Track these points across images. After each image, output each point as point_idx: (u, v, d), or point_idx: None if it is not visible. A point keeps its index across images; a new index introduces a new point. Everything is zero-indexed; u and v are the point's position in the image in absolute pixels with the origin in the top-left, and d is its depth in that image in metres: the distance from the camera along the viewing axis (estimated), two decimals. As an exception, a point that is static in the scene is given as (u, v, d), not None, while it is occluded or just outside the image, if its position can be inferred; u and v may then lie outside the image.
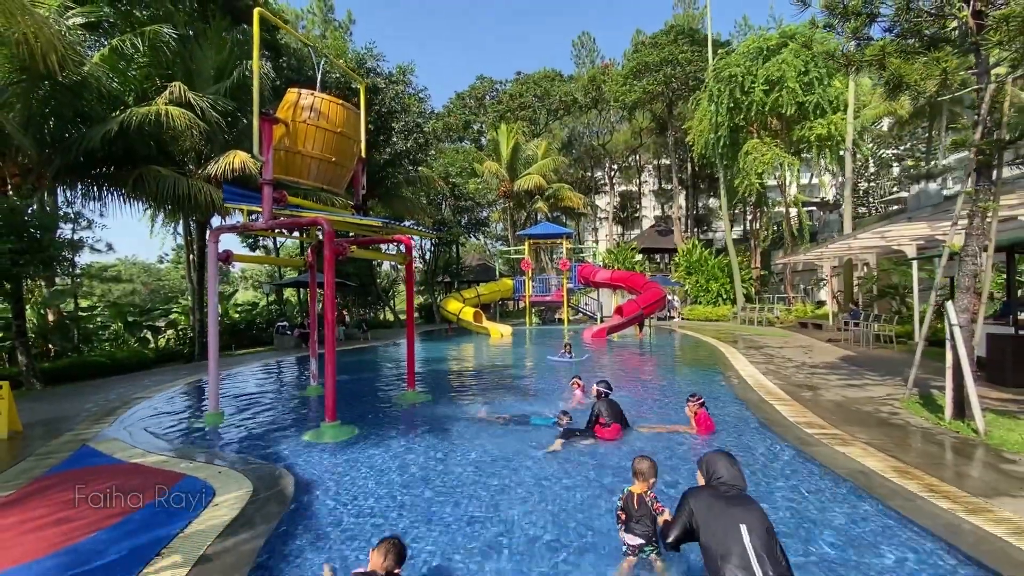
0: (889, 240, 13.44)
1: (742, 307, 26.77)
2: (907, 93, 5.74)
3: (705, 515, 2.83)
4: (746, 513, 2.77)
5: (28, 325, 13.78)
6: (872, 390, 8.97)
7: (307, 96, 7.90)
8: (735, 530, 2.70)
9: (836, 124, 21.72)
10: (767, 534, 2.71)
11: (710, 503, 2.87)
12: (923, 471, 4.98)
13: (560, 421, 6.85)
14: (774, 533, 2.77)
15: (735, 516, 2.76)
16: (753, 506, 2.84)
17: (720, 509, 2.81)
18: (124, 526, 4.06)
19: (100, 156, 12.21)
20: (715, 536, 2.74)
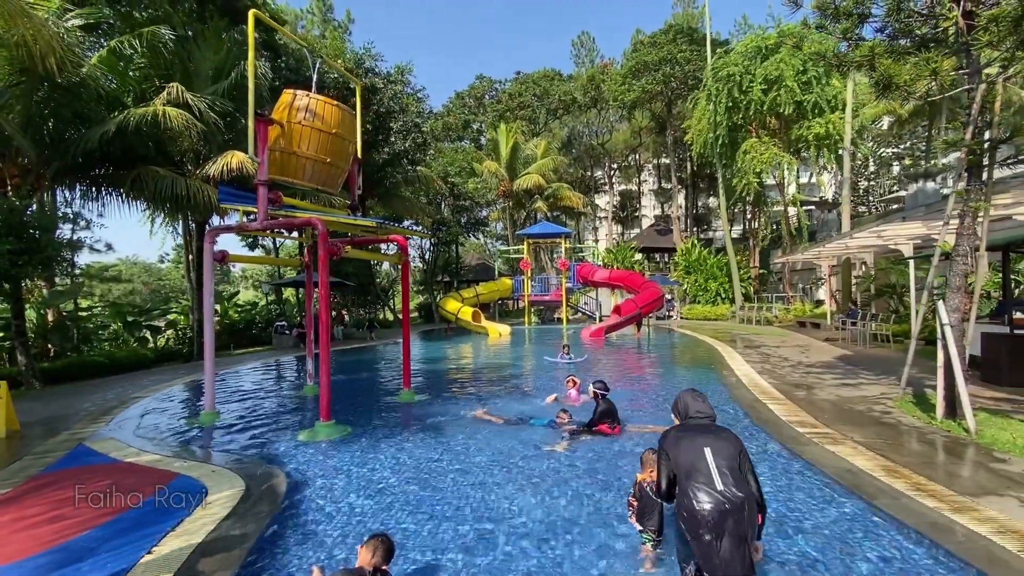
0: (886, 239, 13.44)
1: (741, 306, 26.78)
2: (897, 93, 5.75)
3: (675, 450, 2.96)
4: (713, 439, 2.92)
5: (28, 325, 13.87)
6: (866, 389, 8.99)
7: (302, 97, 7.94)
8: (700, 453, 2.85)
9: (834, 123, 21.73)
10: (735, 455, 2.85)
11: (679, 437, 3.02)
12: (911, 470, 5.00)
13: (559, 420, 6.89)
14: (746, 457, 2.92)
15: (701, 442, 2.91)
16: (722, 433, 2.99)
17: (688, 439, 2.97)
18: (117, 524, 4.11)
19: (98, 157, 12.27)
20: (683, 463, 2.88)
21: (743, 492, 2.71)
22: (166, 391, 10.44)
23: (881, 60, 5.83)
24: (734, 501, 2.66)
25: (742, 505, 2.66)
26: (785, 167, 23.67)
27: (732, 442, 2.93)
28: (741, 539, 2.64)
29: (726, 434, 2.99)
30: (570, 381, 8.99)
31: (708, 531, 2.66)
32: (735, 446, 2.91)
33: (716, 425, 3.11)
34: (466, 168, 35.42)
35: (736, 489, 2.70)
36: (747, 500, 2.69)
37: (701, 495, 2.71)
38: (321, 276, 7.09)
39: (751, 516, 2.70)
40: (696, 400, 3.22)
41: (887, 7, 6.10)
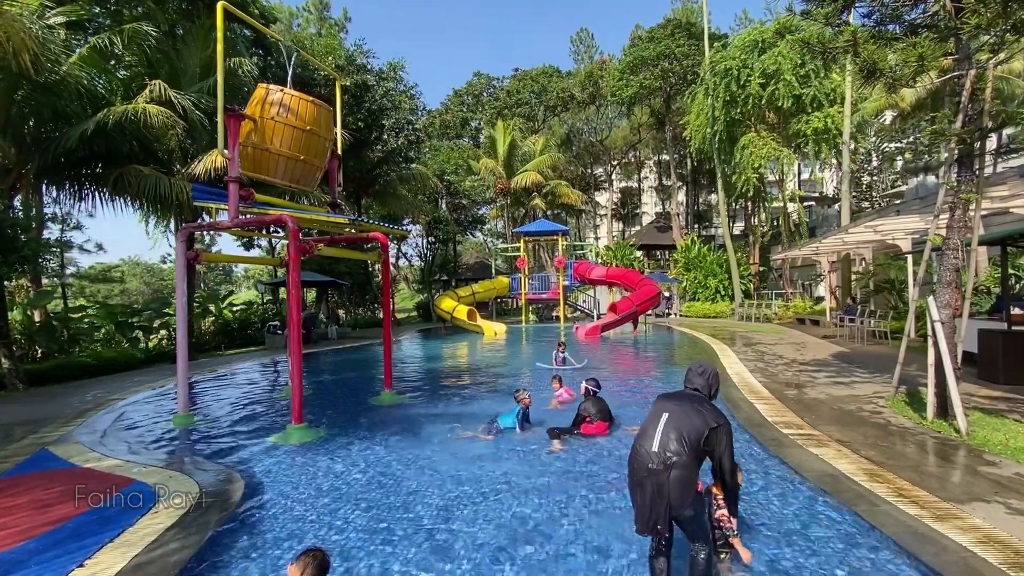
0: (883, 234, 13.16)
1: (740, 303, 26.49)
2: (882, 80, 5.51)
3: (650, 409, 3.19)
4: (679, 407, 3.06)
5: (15, 326, 13.77)
6: (859, 388, 8.75)
7: (275, 92, 7.75)
8: (658, 415, 3.06)
9: (833, 117, 21.41)
10: (694, 428, 2.94)
11: (660, 399, 3.23)
12: (895, 474, 4.77)
13: (519, 399, 6.74)
14: (718, 439, 2.98)
15: (667, 407, 3.09)
16: (696, 407, 3.06)
17: (663, 402, 3.17)
18: (56, 534, 3.93)
19: (81, 156, 12.13)
20: (645, 421, 3.14)
21: (675, 457, 2.85)
22: (146, 393, 10.30)
23: (865, 46, 5.58)
24: (660, 461, 2.86)
25: (668, 467, 2.84)
26: (784, 162, 23.32)
27: (700, 417, 3.00)
28: (658, 497, 2.83)
29: (700, 409, 3.05)
30: (555, 381, 8.77)
31: (633, 482, 2.98)
32: (702, 422, 2.98)
33: (699, 399, 3.18)
34: (463, 166, 35.19)
35: (669, 453, 2.87)
36: (676, 466, 2.84)
37: (638, 449, 3.00)
38: (291, 275, 6.90)
39: (677, 482, 2.83)
40: (694, 374, 3.32)
41: (873, -10, 5.85)
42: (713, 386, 3.26)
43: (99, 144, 11.92)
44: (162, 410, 8.68)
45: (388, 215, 28.11)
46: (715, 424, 2.99)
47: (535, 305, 30.31)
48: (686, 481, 2.86)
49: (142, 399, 9.66)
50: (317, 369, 14.57)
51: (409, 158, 23.88)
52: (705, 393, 3.22)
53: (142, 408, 8.90)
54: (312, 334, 20.62)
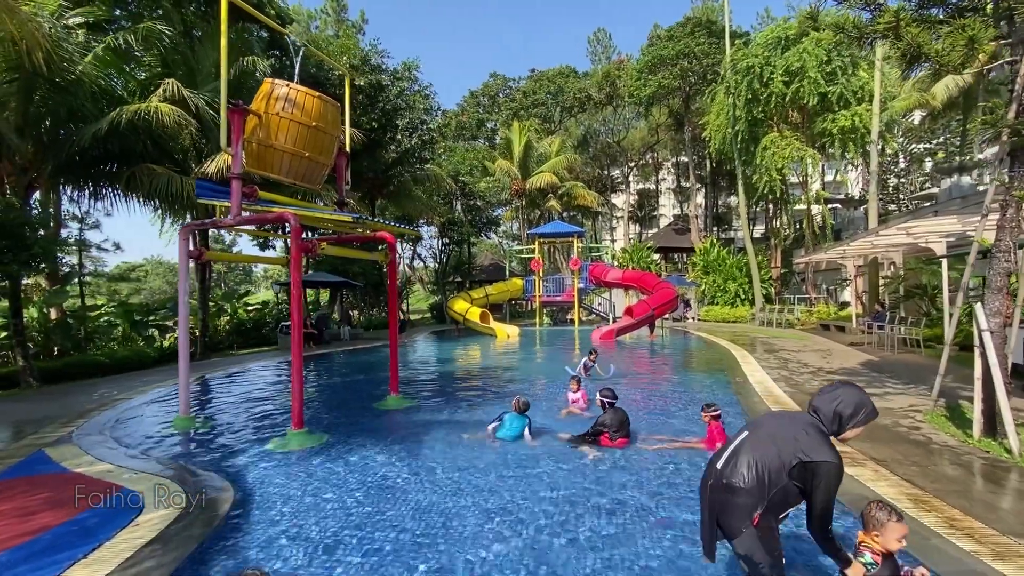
0: (916, 237, 12.47)
1: (761, 308, 25.71)
2: (927, 67, 5.04)
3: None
4: (769, 425, 2.71)
5: (31, 323, 13.88)
6: (893, 400, 8.19)
7: (281, 86, 7.55)
8: (740, 433, 2.74)
9: (860, 116, 20.60)
10: (772, 458, 2.52)
11: (749, 421, 3.02)
12: (943, 500, 4.30)
13: (516, 407, 6.41)
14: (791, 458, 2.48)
15: (754, 425, 2.78)
16: (789, 423, 2.63)
17: (750, 423, 2.85)
18: (30, 547, 3.70)
19: (96, 155, 12.16)
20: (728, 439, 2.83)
21: (737, 482, 2.53)
22: (154, 393, 10.19)
23: (908, 29, 5.11)
24: (720, 482, 2.60)
25: (724, 489, 2.57)
26: (808, 162, 22.55)
27: (792, 447, 2.50)
28: (713, 516, 2.61)
29: (799, 438, 2.52)
30: (574, 382, 8.38)
31: (699, 498, 2.75)
32: (791, 452, 2.49)
33: (808, 425, 2.59)
34: (478, 167, 34.96)
35: (732, 476, 2.55)
36: (735, 491, 2.52)
37: (709, 463, 2.75)
38: (293, 274, 6.66)
39: (733, 506, 2.53)
40: (822, 395, 2.67)
41: (914, -30, 5.38)
42: (844, 416, 2.54)
43: (113, 143, 11.93)
44: (165, 411, 8.53)
45: (403, 216, 28.00)
46: (810, 458, 2.42)
47: (549, 308, 29.90)
48: (740, 510, 2.50)
49: (148, 400, 9.55)
50: (326, 370, 14.42)
51: (423, 158, 23.70)
52: (827, 422, 2.56)
53: (146, 409, 8.77)
54: (324, 335, 20.55)
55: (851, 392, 2.61)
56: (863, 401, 2.58)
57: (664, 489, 4.83)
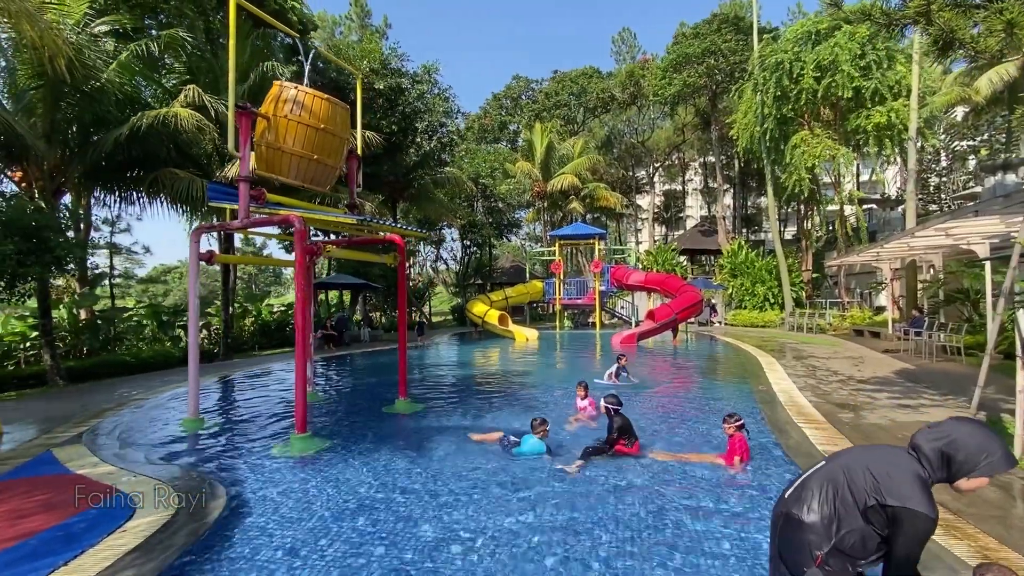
0: (956, 238, 11.70)
1: (791, 312, 24.81)
2: (961, 53, 4.63)
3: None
4: (853, 456, 2.37)
5: (61, 324, 14.37)
6: (928, 413, 7.65)
7: (289, 89, 7.54)
8: (817, 463, 2.47)
9: (897, 111, 19.65)
10: (847, 477, 2.22)
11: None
12: (977, 526, 3.91)
13: (537, 429, 6.06)
14: (867, 497, 2.12)
15: (837, 454, 2.47)
16: (878, 458, 2.24)
17: (837, 452, 2.55)
18: (15, 552, 3.68)
19: (120, 160, 12.51)
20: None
21: (798, 515, 2.26)
22: (170, 392, 10.37)
23: (941, 14, 4.71)
24: (784, 511, 2.37)
25: (787, 520, 2.33)
26: (839, 161, 21.65)
27: (872, 483, 2.12)
28: (776, 550, 2.41)
29: (885, 473, 2.13)
30: (580, 387, 8.12)
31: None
32: (869, 490, 2.12)
33: (900, 460, 2.19)
34: (499, 169, 34.88)
35: (794, 507, 2.30)
36: (797, 524, 2.26)
37: (779, 496, 2.52)
38: (297, 277, 6.62)
39: (795, 542, 2.27)
40: (924, 431, 2.25)
41: (949, -50, 4.95)
42: (956, 461, 2.08)
43: (137, 148, 12.25)
44: (177, 412, 8.62)
45: (423, 218, 28.12)
46: (890, 503, 2.05)
47: (571, 311, 29.54)
48: (801, 547, 2.22)
49: (163, 400, 9.70)
50: (341, 372, 14.48)
51: (443, 161, 23.71)
52: (927, 464, 2.12)
53: (159, 410, 8.89)
54: (344, 336, 20.73)
55: (969, 431, 2.09)
56: (985, 445, 2.03)
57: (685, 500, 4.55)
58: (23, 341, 13.32)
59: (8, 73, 11.43)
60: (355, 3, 34.30)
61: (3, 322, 13.54)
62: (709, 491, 4.88)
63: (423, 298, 36.31)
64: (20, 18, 8.21)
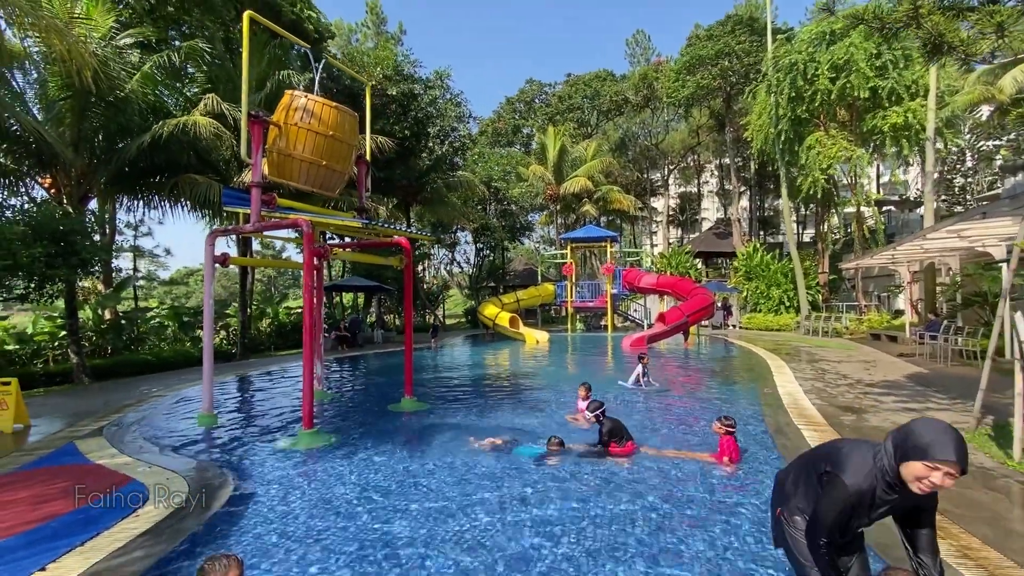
0: (971, 240, 11.55)
1: (806, 315, 24.46)
2: (952, 55, 4.66)
3: None
4: (841, 440, 2.69)
5: (87, 324, 14.96)
6: (933, 416, 7.57)
7: (299, 97, 7.84)
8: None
9: (915, 112, 19.33)
10: (816, 449, 2.75)
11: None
12: (963, 526, 3.94)
13: (551, 449, 6.17)
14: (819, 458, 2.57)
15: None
16: (853, 441, 2.52)
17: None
18: (36, 533, 3.96)
19: (143, 166, 13.03)
20: None
21: (780, 476, 2.89)
22: (188, 390, 10.74)
23: (931, 17, 4.76)
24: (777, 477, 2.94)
25: (777, 483, 2.91)
26: (856, 163, 21.35)
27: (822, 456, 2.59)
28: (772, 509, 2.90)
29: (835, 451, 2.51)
30: (583, 388, 8.21)
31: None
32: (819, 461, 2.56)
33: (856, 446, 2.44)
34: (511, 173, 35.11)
35: (782, 473, 2.89)
36: (778, 483, 2.87)
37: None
38: (305, 279, 6.88)
39: (773, 497, 2.92)
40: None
41: (941, -46, 4.99)
42: (898, 445, 2.21)
43: (159, 155, 12.75)
44: (193, 408, 8.95)
45: (437, 222, 28.45)
46: (829, 468, 2.42)
47: (583, 313, 29.56)
48: (774, 503, 2.88)
49: (180, 397, 10.08)
50: (352, 372, 14.77)
51: (455, 164, 24.02)
52: (883, 449, 2.29)
53: (176, 406, 9.25)
54: (358, 338, 21.10)
55: (928, 424, 2.18)
56: (935, 438, 2.11)
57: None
58: (52, 340, 13.91)
59: (40, 85, 12.02)
60: (371, 11, 34.92)
61: (33, 322, 14.16)
62: (697, 486, 4.98)
63: (437, 300, 36.66)
64: (50, 33, 8.67)
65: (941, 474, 2.09)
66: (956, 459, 2.08)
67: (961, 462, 2.07)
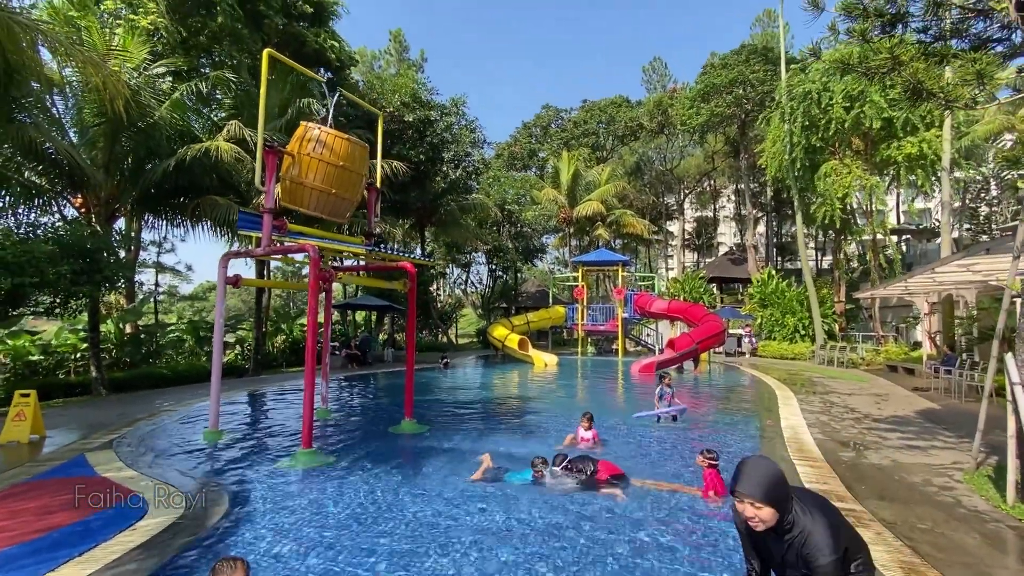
0: (983, 274, 11.41)
1: (822, 345, 24.04)
2: (932, 101, 4.77)
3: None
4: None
5: (108, 337, 15.51)
6: (936, 455, 7.46)
7: (314, 129, 8.24)
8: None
9: (930, 142, 19.21)
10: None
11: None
12: (942, 571, 3.91)
13: (536, 474, 6.24)
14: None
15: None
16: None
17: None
18: (39, 543, 4.18)
19: (168, 188, 13.67)
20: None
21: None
22: (198, 406, 11.05)
23: (913, 64, 4.90)
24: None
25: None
26: (871, 192, 21.21)
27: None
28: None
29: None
30: (585, 418, 8.24)
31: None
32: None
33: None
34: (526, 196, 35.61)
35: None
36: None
37: None
38: (310, 301, 7.15)
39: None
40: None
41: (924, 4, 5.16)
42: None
43: (183, 178, 13.37)
44: (201, 424, 9.22)
45: (451, 243, 28.89)
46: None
47: (594, 337, 29.49)
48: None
49: (190, 412, 10.38)
50: (358, 391, 14.97)
51: (469, 187, 24.53)
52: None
53: (185, 421, 9.54)
54: (367, 356, 21.38)
55: (741, 461, 2.41)
56: (736, 470, 2.38)
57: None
58: (74, 352, 14.45)
59: (76, 110, 12.77)
60: (394, 38, 36.17)
61: (57, 333, 14.76)
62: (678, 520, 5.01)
63: (449, 320, 36.95)
64: (88, 65, 9.29)
65: (746, 506, 2.25)
66: (749, 491, 2.24)
67: (754, 494, 2.21)
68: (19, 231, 10.75)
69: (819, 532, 2.20)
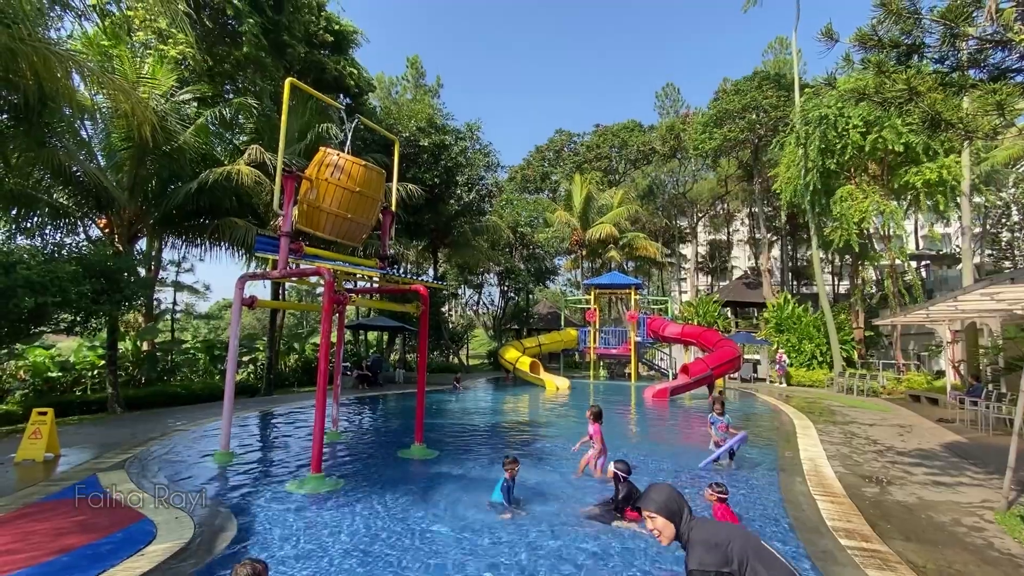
0: (1008, 303, 11.11)
1: (840, 372, 23.49)
2: (952, 132, 4.72)
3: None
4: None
5: (125, 355, 15.72)
6: (965, 492, 7.17)
7: (332, 155, 8.42)
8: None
9: (949, 167, 19.00)
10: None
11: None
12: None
13: (506, 467, 6.12)
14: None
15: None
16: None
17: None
18: (48, 566, 4.16)
19: (190, 210, 14.01)
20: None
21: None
22: (211, 425, 11.08)
23: (931, 95, 4.87)
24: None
25: None
26: (889, 218, 20.96)
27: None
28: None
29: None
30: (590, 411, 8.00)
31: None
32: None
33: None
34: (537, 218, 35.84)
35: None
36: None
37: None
38: (324, 324, 7.19)
39: None
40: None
41: (940, 35, 5.15)
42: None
43: (204, 200, 13.70)
44: (213, 444, 9.23)
45: (463, 264, 29.04)
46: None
47: (607, 360, 29.18)
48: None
49: (203, 432, 10.40)
50: (368, 413, 14.91)
51: (482, 210, 24.77)
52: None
53: (197, 441, 9.55)
54: (379, 377, 21.37)
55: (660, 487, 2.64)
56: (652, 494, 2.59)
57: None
58: (91, 369, 14.65)
59: (104, 135, 13.23)
60: (411, 65, 37.10)
61: (76, 350, 15.00)
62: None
63: (461, 341, 36.87)
64: (118, 92, 9.64)
65: (646, 519, 2.54)
66: (644, 504, 2.55)
67: (647, 506, 2.51)
68: (45, 251, 11.05)
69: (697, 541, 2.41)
